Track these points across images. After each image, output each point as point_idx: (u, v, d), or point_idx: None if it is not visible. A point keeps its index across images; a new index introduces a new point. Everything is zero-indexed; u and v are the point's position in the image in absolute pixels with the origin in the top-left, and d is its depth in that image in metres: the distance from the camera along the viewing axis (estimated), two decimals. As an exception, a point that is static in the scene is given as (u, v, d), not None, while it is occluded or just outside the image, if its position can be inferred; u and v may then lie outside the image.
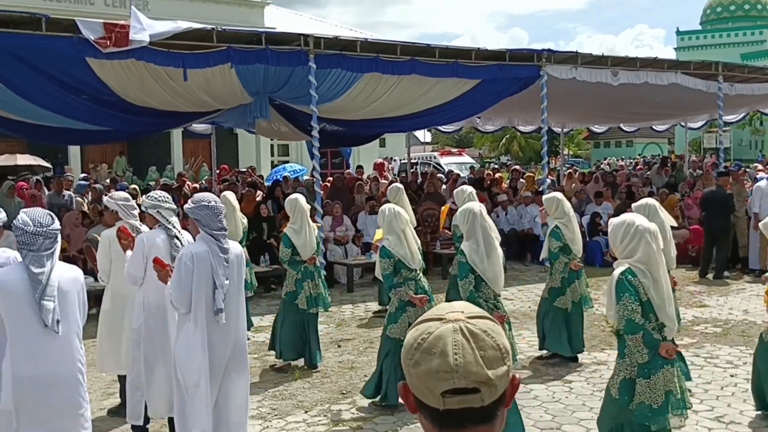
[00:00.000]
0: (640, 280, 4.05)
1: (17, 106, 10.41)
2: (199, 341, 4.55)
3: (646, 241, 4.10)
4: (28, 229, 3.88)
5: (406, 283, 6.07)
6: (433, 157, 32.35)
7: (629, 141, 54.53)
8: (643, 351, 4.05)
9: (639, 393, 4.08)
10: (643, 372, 4.08)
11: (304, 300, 7.36)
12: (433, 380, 1.28)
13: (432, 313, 1.38)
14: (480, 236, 5.40)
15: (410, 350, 1.32)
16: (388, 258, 6.02)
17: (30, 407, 3.86)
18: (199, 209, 4.60)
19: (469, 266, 5.36)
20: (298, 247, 7.37)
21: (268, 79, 11.13)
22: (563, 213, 7.41)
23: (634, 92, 14.28)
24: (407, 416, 6.05)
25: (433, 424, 1.32)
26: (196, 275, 4.53)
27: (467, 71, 12.22)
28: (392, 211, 6.17)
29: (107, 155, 25.01)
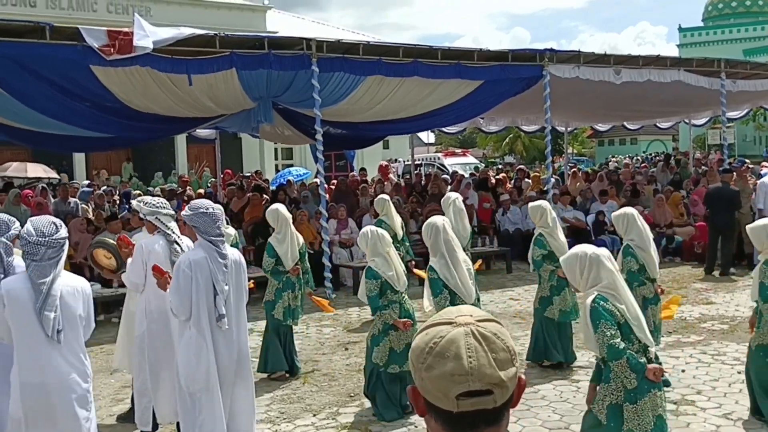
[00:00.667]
0: (613, 304, 4.01)
1: (22, 115, 10.48)
2: (204, 347, 4.56)
3: (604, 266, 4.07)
4: (30, 239, 3.90)
5: (390, 306, 5.97)
6: (437, 158, 32.36)
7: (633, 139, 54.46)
8: (630, 376, 3.97)
9: (627, 420, 4.00)
10: (629, 397, 4.01)
11: (280, 311, 7.31)
12: (447, 383, 1.29)
13: (441, 317, 1.39)
14: (444, 250, 5.40)
15: (422, 354, 1.33)
16: (375, 279, 5.92)
17: (37, 414, 3.90)
18: (197, 216, 4.60)
19: (441, 282, 5.36)
20: (281, 257, 7.33)
21: (271, 84, 11.17)
22: (546, 223, 7.32)
23: (637, 90, 14.27)
24: (416, 419, 6.06)
25: (444, 427, 1.33)
26: (195, 282, 4.53)
27: (470, 72, 12.23)
28: (375, 234, 6.06)
29: (112, 162, 25.08)
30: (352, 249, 12.69)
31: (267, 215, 7.67)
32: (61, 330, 3.90)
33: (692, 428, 5.54)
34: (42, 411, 3.91)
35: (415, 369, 1.35)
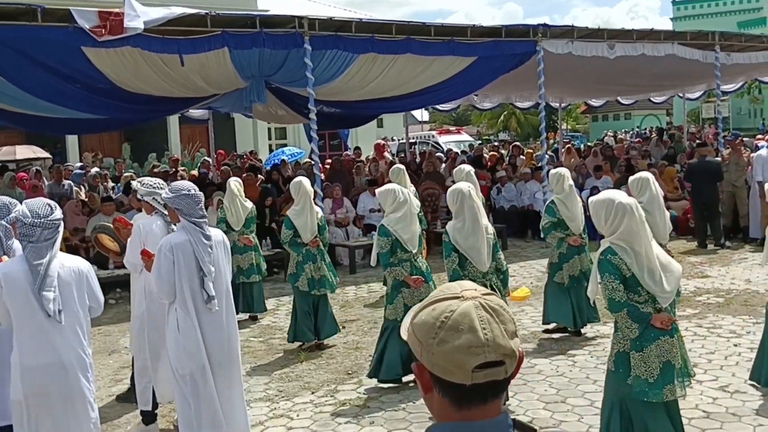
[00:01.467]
0: (620, 258, 4.09)
1: (14, 97, 10.40)
2: (192, 330, 4.54)
3: (629, 215, 4.12)
4: (26, 220, 3.90)
5: (401, 264, 6.08)
6: (432, 136, 32.29)
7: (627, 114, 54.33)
8: (632, 326, 4.08)
9: (634, 366, 4.10)
10: (635, 345, 4.12)
11: (305, 282, 7.39)
12: (464, 356, 1.30)
13: (444, 292, 1.39)
14: (467, 216, 5.45)
15: (432, 329, 1.33)
16: (386, 237, 6.04)
17: (38, 396, 3.91)
18: (179, 198, 4.56)
19: (452, 245, 5.42)
20: (299, 229, 7.40)
21: (263, 63, 11.09)
22: (562, 189, 7.42)
23: (631, 64, 14.23)
24: (413, 394, 6.11)
25: (452, 402, 1.34)
26: (178, 265, 4.50)
27: (463, 49, 12.17)
28: (405, 195, 6.17)
29: (105, 144, 24.94)
30: (347, 228, 12.69)
31: (291, 186, 7.81)
32: (62, 310, 3.90)
33: (689, 401, 5.56)
34: (43, 393, 3.92)
35: (423, 345, 1.34)
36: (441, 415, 1.36)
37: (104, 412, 5.94)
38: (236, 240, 8.70)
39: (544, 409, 5.65)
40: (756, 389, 5.78)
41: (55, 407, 3.94)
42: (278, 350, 7.65)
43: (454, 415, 1.35)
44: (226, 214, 8.84)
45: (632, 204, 4.19)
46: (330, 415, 5.75)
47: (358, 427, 5.50)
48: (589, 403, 5.69)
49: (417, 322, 1.37)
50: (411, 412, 5.73)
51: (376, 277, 11.02)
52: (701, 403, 5.58)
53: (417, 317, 1.39)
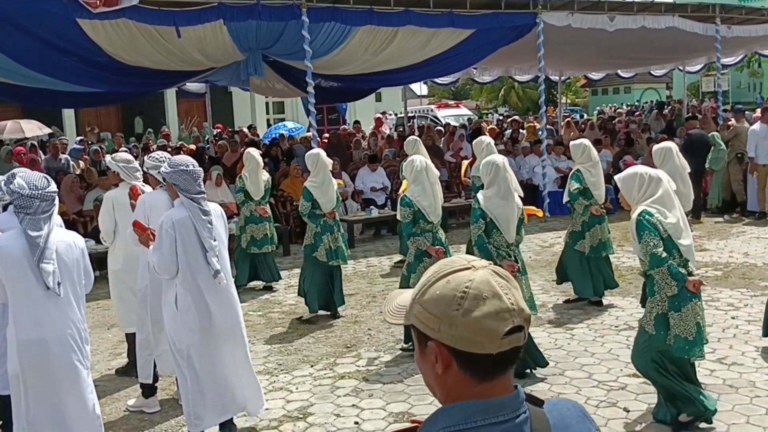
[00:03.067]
0: (657, 218, 4.25)
1: (10, 70, 10.31)
2: (191, 305, 4.55)
3: (662, 185, 4.32)
4: (23, 192, 3.86)
5: (423, 234, 6.22)
6: (430, 110, 32.16)
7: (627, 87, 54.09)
8: (671, 283, 4.27)
9: (673, 326, 4.30)
10: (673, 305, 4.30)
11: (323, 253, 7.49)
12: (493, 322, 1.27)
13: (451, 265, 1.35)
14: (501, 185, 5.55)
15: (453, 301, 1.28)
16: (409, 207, 6.17)
17: (35, 370, 3.90)
18: (177, 174, 4.53)
19: (481, 211, 5.51)
20: (320, 201, 7.49)
21: (260, 35, 10.99)
22: (588, 158, 7.56)
23: (632, 37, 14.12)
24: (412, 367, 6.13)
25: (473, 376, 1.31)
26: (180, 241, 4.49)
27: (462, 21, 12.06)
28: (423, 164, 6.29)
29: (101, 118, 24.80)
30: (346, 203, 12.65)
31: (306, 159, 7.84)
32: (60, 282, 3.88)
33: (686, 372, 5.60)
34: (41, 366, 3.91)
35: (443, 319, 1.29)
36: (459, 392, 1.32)
37: (103, 385, 5.97)
38: (253, 210, 8.74)
39: (543, 382, 5.66)
40: (753, 361, 5.80)
41: (53, 380, 3.94)
42: (277, 324, 7.66)
43: (473, 391, 1.31)
44: (246, 184, 8.77)
45: (662, 174, 4.40)
46: (329, 388, 5.77)
47: (356, 399, 5.52)
48: (587, 376, 5.71)
49: (429, 298, 1.32)
50: (409, 384, 5.76)
51: (374, 251, 11.03)
52: (699, 375, 5.58)
53: (425, 294, 1.33)
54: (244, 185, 8.80)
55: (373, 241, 12.12)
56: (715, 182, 12.78)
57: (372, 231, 12.64)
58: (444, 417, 1.30)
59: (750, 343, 6.17)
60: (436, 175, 6.39)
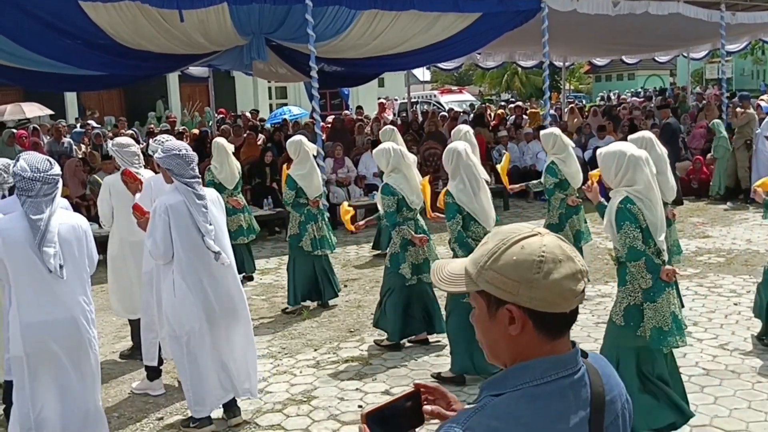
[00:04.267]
0: (638, 208, 4.10)
1: (11, 52, 10.24)
2: (188, 291, 4.54)
3: (641, 169, 4.11)
4: (25, 174, 3.84)
5: (406, 223, 6.10)
6: (433, 95, 32.04)
7: (631, 74, 53.80)
8: (646, 276, 4.14)
9: (649, 318, 4.15)
10: (648, 296, 4.16)
11: (308, 242, 7.37)
12: (571, 283, 1.39)
13: (519, 232, 1.43)
14: (464, 175, 5.35)
15: (534, 265, 1.38)
16: (392, 195, 6.02)
17: (39, 352, 3.90)
18: (170, 158, 4.51)
19: (457, 206, 5.31)
20: (305, 189, 7.33)
21: (263, 19, 10.93)
22: (562, 148, 7.36)
23: (636, 23, 14.03)
24: (415, 351, 6.16)
25: (547, 335, 1.41)
26: (175, 226, 4.47)
27: (467, 5, 11.97)
28: (397, 151, 6.15)
29: (104, 102, 24.75)
30: (349, 188, 12.66)
31: (288, 146, 7.57)
32: (63, 265, 3.88)
33: (689, 358, 5.62)
34: (45, 349, 3.90)
35: (524, 282, 1.37)
36: (531, 351, 1.42)
37: (108, 368, 5.99)
38: (225, 202, 8.51)
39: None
40: (755, 347, 5.81)
41: (57, 362, 3.94)
42: (281, 308, 7.67)
43: (545, 349, 1.42)
44: (216, 175, 8.37)
45: (644, 156, 4.18)
46: (332, 372, 5.80)
47: (360, 383, 5.54)
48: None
49: (505, 264, 1.39)
50: (413, 369, 5.78)
51: (377, 236, 11.02)
52: (701, 360, 5.62)
53: (499, 260, 1.40)
54: (213, 178, 8.33)
55: (376, 226, 12.10)
56: (718, 169, 12.76)
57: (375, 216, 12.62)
58: (522, 373, 1.41)
59: (752, 329, 6.18)
60: (413, 160, 6.22)
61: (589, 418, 1.42)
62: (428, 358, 6.03)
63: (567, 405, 1.40)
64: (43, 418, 3.95)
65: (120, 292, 6.01)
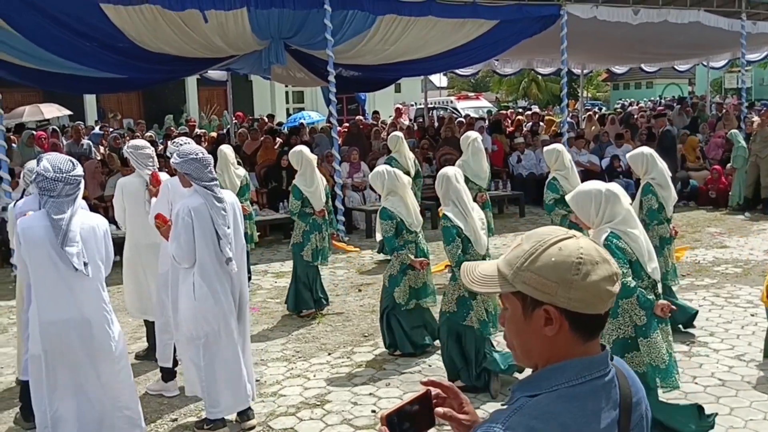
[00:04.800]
0: (624, 242, 4.01)
1: (33, 54, 10.36)
2: (208, 293, 4.57)
3: (619, 201, 4.03)
4: (48, 174, 3.89)
5: (406, 246, 6.01)
6: (450, 101, 32.04)
7: (649, 82, 53.48)
8: (639, 313, 4.06)
9: (644, 353, 4.06)
10: (642, 332, 4.07)
11: (309, 252, 7.40)
12: (608, 284, 1.41)
13: (554, 234, 1.45)
14: (454, 199, 5.32)
15: (573, 266, 1.39)
16: (390, 220, 5.94)
17: (56, 351, 3.94)
18: (187, 163, 4.53)
19: (456, 229, 5.25)
20: (310, 199, 7.36)
21: (282, 24, 10.99)
22: (563, 165, 7.25)
23: (656, 31, 13.97)
24: (429, 357, 6.14)
25: (582, 335, 1.43)
26: (198, 229, 4.50)
27: (485, 12, 11.98)
28: (390, 173, 6.07)
29: (123, 105, 24.96)
30: (364, 192, 12.67)
31: (290, 157, 7.62)
32: (88, 263, 3.91)
33: (705, 369, 5.58)
34: (63, 348, 3.94)
35: (561, 283, 1.39)
36: (566, 352, 1.43)
37: (123, 368, 6.02)
38: None
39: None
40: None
41: (75, 361, 3.97)
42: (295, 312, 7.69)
43: (579, 350, 1.43)
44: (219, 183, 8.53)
45: (618, 189, 4.08)
46: (346, 376, 5.80)
47: (374, 388, 5.54)
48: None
49: (543, 265, 1.40)
50: (427, 374, 5.77)
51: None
52: (717, 371, 5.57)
53: (537, 261, 1.41)
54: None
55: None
56: (737, 180, 12.66)
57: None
58: (556, 374, 1.42)
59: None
60: (407, 181, 6.16)
61: (618, 418, 1.44)
62: (442, 364, 6.01)
63: (600, 405, 1.42)
64: (59, 417, 3.99)
65: (135, 294, 6.04)
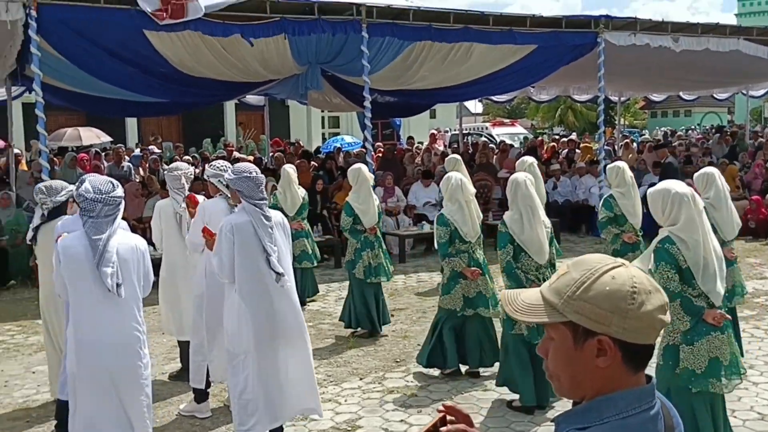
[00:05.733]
0: (678, 248, 4.01)
1: (78, 78, 10.63)
2: (246, 311, 4.57)
3: (686, 205, 4.04)
4: (88, 195, 3.97)
5: (459, 255, 6.04)
6: (485, 127, 32.04)
7: (687, 110, 53.02)
8: (684, 318, 4.03)
9: (683, 359, 4.06)
10: (686, 339, 4.06)
11: (361, 270, 7.42)
12: (661, 315, 1.39)
13: (605, 263, 1.42)
14: (521, 206, 5.33)
15: (628, 296, 1.36)
16: (445, 227, 6.01)
17: (90, 370, 3.98)
18: (240, 180, 4.59)
19: (509, 236, 5.29)
20: (361, 216, 7.43)
21: (320, 50, 11.13)
22: (623, 182, 7.23)
23: (695, 59, 13.82)
24: (462, 384, 6.09)
25: (634, 366, 1.40)
26: (239, 246, 4.53)
27: (522, 39, 11.99)
28: (458, 181, 6.11)
29: (163, 128, 25.43)
30: (398, 217, 12.68)
31: (349, 173, 7.77)
32: (121, 284, 3.96)
33: (744, 402, 5.44)
34: (96, 367, 3.98)
35: (616, 312, 1.36)
36: (618, 383, 1.40)
37: (156, 389, 6.04)
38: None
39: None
40: (817, 396, 5.59)
41: (106, 382, 4.00)
42: (327, 335, 7.69)
43: (630, 381, 1.40)
44: (280, 200, 8.80)
45: (690, 193, 4.09)
46: (378, 402, 5.77)
47: (405, 414, 5.50)
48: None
49: (597, 294, 1.37)
50: (459, 402, 5.70)
51: (425, 266, 11.00)
52: (756, 405, 5.43)
53: (589, 290, 1.38)
54: (277, 202, 8.73)
55: (425, 256, 12.10)
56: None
57: (423, 246, 12.62)
58: (607, 406, 1.39)
59: (814, 377, 5.94)
60: (471, 192, 6.21)
61: None
62: (475, 392, 5.96)
63: None
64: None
65: (170, 314, 6.11)
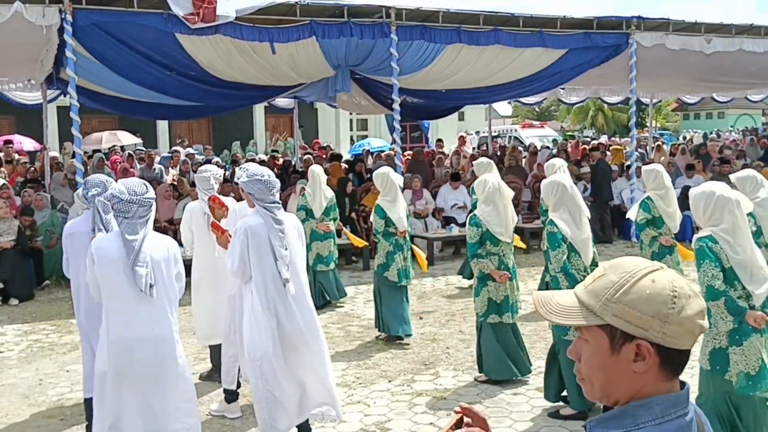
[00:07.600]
0: (721, 247, 3.97)
1: (110, 81, 10.77)
2: (265, 314, 4.58)
3: (729, 209, 4.00)
4: (123, 197, 4.02)
5: (488, 257, 5.99)
6: (514, 130, 31.89)
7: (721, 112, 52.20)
8: (727, 318, 3.97)
9: (735, 362, 3.98)
10: (734, 340, 3.99)
11: (394, 273, 7.36)
12: (700, 319, 1.37)
13: (643, 266, 1.40)
14: (568, 206, 5.31)
15: (668, 300, 1.35)
16: (477, 227, 5.97)
17: (122, 369, 4.01)
18: (252, 183, 4.61)
19: (562, 235, 5.23)
20: (394, 219, 7.38)
21: (350, 52, 11.16)
22: (661, 185, 7.15)
23: (729, 59, 13.61)
24: (491, 389, 6.05)
25: (671, 371, 1.38)
26: (254, 248, 4.54)
27: (553, 41, 11.91)
28: (495, 184, 6.06)
29: (193, 131, 25.69)
30: (426, 220, 12.66)
31: (375, 178, 7.69)
32: (154, 285, 4.00)
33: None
34: (129, 367, 4.02)
35: (657, 317, 1.34)
36: (654, 388, 1.38)
37: (187, 388, 6.11)
38: (314, 227, 8.76)
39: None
40: None
41: (139, 381, 4.04)
42: (356, 337, 7.70)
43: (666, 386, 1.39)
44: (308, 201, 8.84)
45: (735, 198, 4.05)
46: (406, 405, 5.75)
47: (434, 417, 5.48)
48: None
49: (637, 297, 1.35)
50: (488, 406, 5.67)
51: (453, 269, 10.96)
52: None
53: (629, 293, 1.36)
54: (305, 203, 8.81)
55: (453, 259, 12.06)
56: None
57: (452, 249, 12.59)
58: (641, 412, 1.37)
59: None
60: (510, 195, 6.16)
61: None
62: (504, 395, 5.92)
63: None
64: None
65: (202, 317, 6.13)
